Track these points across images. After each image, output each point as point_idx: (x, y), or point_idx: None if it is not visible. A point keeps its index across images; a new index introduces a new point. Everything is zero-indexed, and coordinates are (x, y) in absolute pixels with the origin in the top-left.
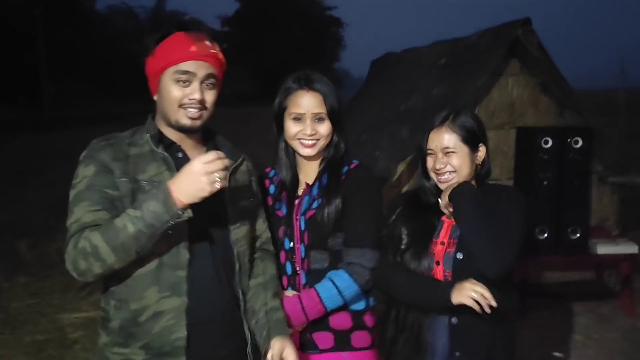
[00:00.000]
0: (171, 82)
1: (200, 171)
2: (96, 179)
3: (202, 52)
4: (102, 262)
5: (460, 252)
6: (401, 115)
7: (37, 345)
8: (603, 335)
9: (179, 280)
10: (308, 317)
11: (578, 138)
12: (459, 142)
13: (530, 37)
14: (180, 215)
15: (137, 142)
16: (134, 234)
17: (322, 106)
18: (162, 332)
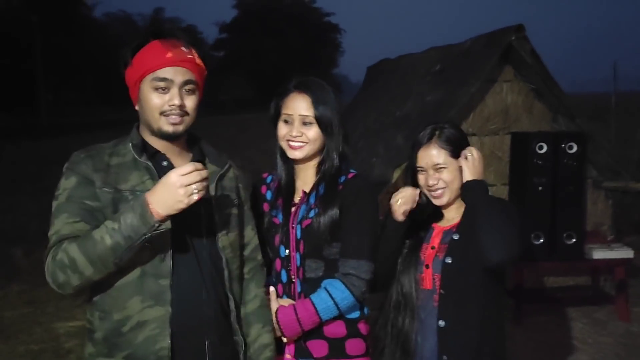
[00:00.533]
0: (150, 90)
1: (177, 183)
2: (76, 191)
3: (178, 58)
4: (80, 275)
5: (449, 257)
6: (397, 121)
7: (31, 355)
8: (598, 340)
9: (163, 290)
10: (303, 327)
11: (572, 143)
12: (448, 157)
13: (523, 43)
14: (157, 228)
15: (120, 152)
16: (111, 246)
17: (310, 110)
18: (146, 342)
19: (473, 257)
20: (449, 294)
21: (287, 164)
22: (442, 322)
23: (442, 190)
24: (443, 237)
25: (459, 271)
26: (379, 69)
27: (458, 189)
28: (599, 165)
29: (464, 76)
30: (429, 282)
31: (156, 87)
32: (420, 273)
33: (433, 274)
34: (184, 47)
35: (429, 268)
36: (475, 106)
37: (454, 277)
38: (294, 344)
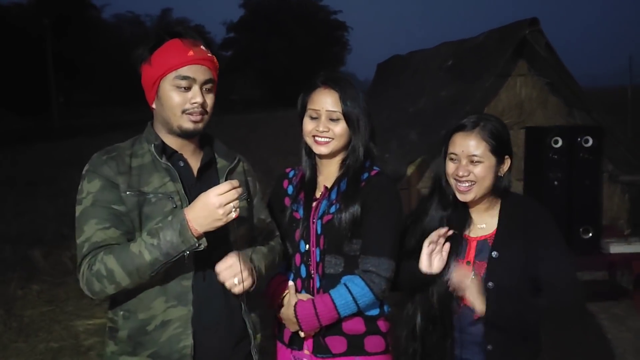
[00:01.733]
0: (171, 89)
1: (216, 204)
2: (102, 195)
3: (199, 56)
4: (117, 285)
5: (491, 281)
6: (410, 118)
7: (51, 353)
8: (617, 336)
9: (185, 290)
10: (321, 322)
11: (588, 137)
12: (487, 152)
13: (537, 37)
14: (197, 246)
15: (138, 153)
16: (150, 261)
17: (338, 105)
18: (170, 341)
19: (517, 279)
20: (494, 319)
21: (311, 158)
22: (491, 347)
23: (471, 185)
24: (478, 250)
25: (504, 297)
26: (390, 66)
27: (488, 188)
28: (615, 159)
29: (477, 71)
30: (468, 302)
31: (178, 86)
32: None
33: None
34: (203, 46)
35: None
36: (490, 101)
37: (499, 302)
38: (312, 340)
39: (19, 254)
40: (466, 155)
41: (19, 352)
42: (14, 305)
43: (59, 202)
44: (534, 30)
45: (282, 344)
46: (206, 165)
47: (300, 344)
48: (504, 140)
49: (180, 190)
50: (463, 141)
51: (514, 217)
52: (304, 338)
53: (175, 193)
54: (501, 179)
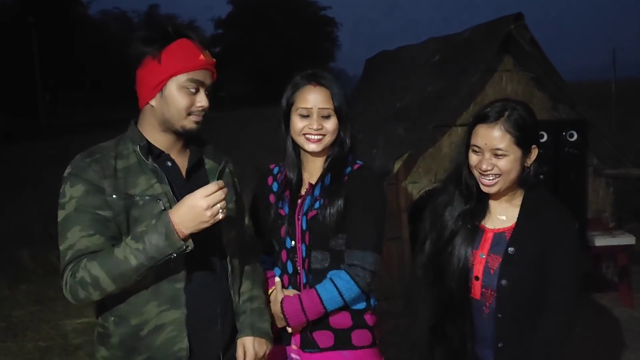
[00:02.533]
0: (180, 90)
1: (204, 205)
2: (86, 200)
3: (209, 62)
4: (102, 291)
5: (504, 279)
6: (397, 113)
7: (40, 352)
8: (602, 327)
9: (178, 293)
10: (308, 317)
11: (573, 131)
12: (511, 145)
13: (522, 32)
14: (184, 248)
15: (123, 154)
16: (136, 266)
17: (329, 102)
18: (165, 345)
19: (532, 279)
20: (506, 317)
21: (295, 156)
22: (502, 344)
23: (495, 178)
24: (493, 243)
25: (517, 296)
26: (378, 61)
27: (514, 180)
28: (599, 153)
29: (463, 66)
30: (477, 292)
31: (188, 87)
32: (469, 282)
33: (482, 288)
34: (208, 49)
35: (478, 280)
36: (476, 96)
37: (513, 301)
38: (299, 335)
39: (6, 254)
40: (490, 149)
41: (7, 352)
42: (2, 305)
43: (46, 202)
44: (519, 25)
45: None
46: (195, 166)
47: (288, 339)
48: (531, 129)
49: (169, 191)
50: (486, 133)
51: (536, 215)
52: (291, 333)
53: (164, 195)
54: (527, 170)
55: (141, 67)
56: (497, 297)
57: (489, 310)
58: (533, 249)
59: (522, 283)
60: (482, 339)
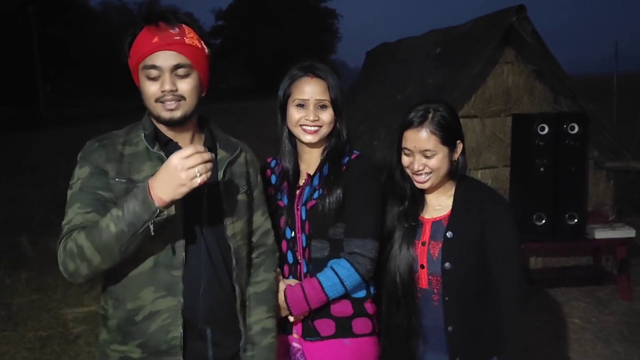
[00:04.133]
0: (144, 79)
1: (178, 167)
2: (89, 181)
3: (164, 42)
4: (88, 263)
5: (447, 262)
6: (397, 105)
7: (40, 341)
8: (601, 319)
9: (175, 280)
10: (310, 305)
11: (574, 124)
12: (438, 144)
13: (524, 24)
14: (159, 214)
15: (133, 141)
16: (116, 233)
17: (326, 93)
18: (159, 331)
19: (474, 259)
20: (453, 300)
21: (292, 147)
22: (451, 328)
23: (428, 176)
24: (433, 231)
25: (461, 277)
26: (379, 53)
27: (445, 175)
28: (600, 146)
29: (465, 58)
30: (424, 281)
31: (148, 76)
32: (416, 272)
33: (429, 275)
34: (173, 28)
35: (424, 268)
36: (477, 88)
37: (458, 283)
38: (301, 323)
39: (6, 242)
40: (419, 150)
41: (7, 341)
42: (2, 293)
43: (46, 190)
44: (521, 17)
45: None
46: None
47: (290, 328)
48: (453, 128)
49: None
50: (414, 137)
51: (468, 199)
52: (293, 323)
53: None
54: (456, 163)
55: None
56: (443, 281)
57: (438, 297)
58: (470, 230)
59: (464, 264)
60: (434, 330)
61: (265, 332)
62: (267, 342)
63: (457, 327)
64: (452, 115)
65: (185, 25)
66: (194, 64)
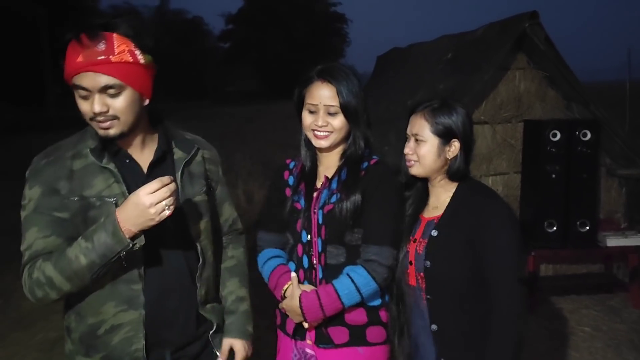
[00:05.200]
0: (77, 97)
1: (146, 203)
2: (42, 201)
3: (89, 62)
4: (58, 290)
5: (428, 260)
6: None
7: (49, 343)
8: (612, 327)
9: (135, 294)
10: (325, 313)
11: (586, 131)
12: (429, 133)
13: (537, 30)
14: (131, 246)
15: (82, 153)
16: (87, 264)
17: (335, 99)
18: (121, 344)
19: (460, 259)
20: (436, 299)
21: (310, 150)
22: (435, 326)
23: (414, 163)
24: (425, 229)
25: (444, 276)
26: (389, 58)
27: (433, 169)
28: (613, 153)
29: (476, 64)
30: (412, 279)
31: (79, 94)
32: (406, 269)
33: (416, 272)
34: (98, 44)
35: (412, 265)
36: (488, 94)
37: (439, 282)
38: (314, 330)
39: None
40: (412, 134)
41: (17, 342)
42: (13, 295)
43: None
44: (534, 23)
45: (284, 334)
46: (159, 159)
47: (303, 334)
48: (451, 124)
49: (125, 192)
50: (412, 121)
51: (464, 201)
52: (306, 329)
53: (121, 195)
54: (452, 162)
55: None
56: (425, 279)
57: (425, 295)
58: (458, 230)
59: (446, 264)
60: (423, 328)
61: (241, 300)
62: (243, 309)
63: (441, 326)
64: (458, 114)
65: (117, 34)
66: (126, 81)
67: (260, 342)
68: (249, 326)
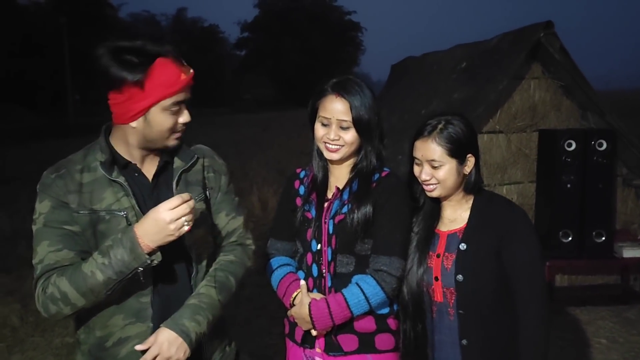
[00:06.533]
0: (164, 113)
1: (167, 219)
2: (52, 215)
3: (189, 79)
4: (72, 306)
5: (460, 274)
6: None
7: (67, 348)
8: (629, 339)
9: (144, 307)
10: (334, 322)
11: (602, 140)
12: (445, 156)
13: (552, 39)
14: (149, 263)
15: (90, 166)
16: (104, 281)
17: (348, 114)
18: (129, 357)
19: (490, 272)
20: (468, 313)
21: (322, 160)
22: (465, 341)
23: (435, 186)
24: (448, 243)
25: (475, 290)
26: (404, 67)
27: (453, 187)
28: (629, 163)
29: (491, 73)
30: (439, 294)
31: (172, 110)
32: (430, 285)
33: (443, 287)
34: (183, 60)
35: (438, 280)
36: (503, 103)
37: (472, 296)
38: (323, 338)
39: None
40: (426, 160)
41: (35, 346)
42: (31, 300)
43: None
44: (549, 33)
45: (293, 342)
46: (162, 169)
47: (312, 342)
48: (463, 141)
49: (135, 205)
50: (422, 146)
51: (485, 212)
52: (315, 337)
53: (130, 208)
54: (469, 176)
55: (119, 90)
56: (457, 294)
57: (454, 311)
58: (486, 243)
59: (478, 277)
60: (450, 345)
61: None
62: (189, 302)
63: (471, 340)
64: (465, 128)
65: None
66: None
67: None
68: (188, 320)
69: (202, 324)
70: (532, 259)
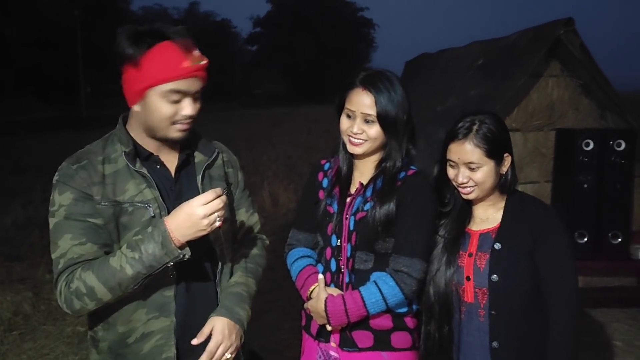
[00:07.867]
0: (161, 100)
1: (200, 214)
2: (75, 208)
3: (195, 68)
4: (98, 301)
5: (495, 274)
6: (438, 116)
7: (78, 336)
8: None
9: (167, 301)
10: (350, 319)
11: (620, 140)
12: (483, 157)
13: (572, 37)
14: (180, 257)
15: (111, 157)
16: (133, 275)
17: (373, 108)
18: (152, 352)
19: (523, 272)
20: (500, 314)
21: (347, 154)
22: (496, 343)
23: (472, 189)
24: (480, 242)
25: (509, 290)
26: (419, 64)
27: (491, 188)
28: None
29: (509, 70)
30: (470, 295)
31: (170, 98)
32: (461, 285)
33: (475, 288)
34: (197, 49)
35: (470, 280)
36: (520, 101)
37: (505, 296)
38: (339, 333)
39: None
40: (463, 162)
41: (47, 335)
42: (43, 288)
43: None
44: (569, 30)
45: (309, 335)
46: (184, 163)
47: (327, 336)
48: (500, 140)
49: (158, 197)
50: (458, 148)
51: (519, 212)
52: (330, 331)
53: (153, 200)
54: (504, 176)
55: (123, 69)
56: (490, 294)
57: (485, 312)
58: (520, 243)
59: (512, 277)
60: (479, 347)
61: (236, 284)
62: (234, 291)
63: (502, 343)
64: (499, 127)
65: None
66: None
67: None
68: (238, 308)
69: (248, 311)
70: (566, 261)
